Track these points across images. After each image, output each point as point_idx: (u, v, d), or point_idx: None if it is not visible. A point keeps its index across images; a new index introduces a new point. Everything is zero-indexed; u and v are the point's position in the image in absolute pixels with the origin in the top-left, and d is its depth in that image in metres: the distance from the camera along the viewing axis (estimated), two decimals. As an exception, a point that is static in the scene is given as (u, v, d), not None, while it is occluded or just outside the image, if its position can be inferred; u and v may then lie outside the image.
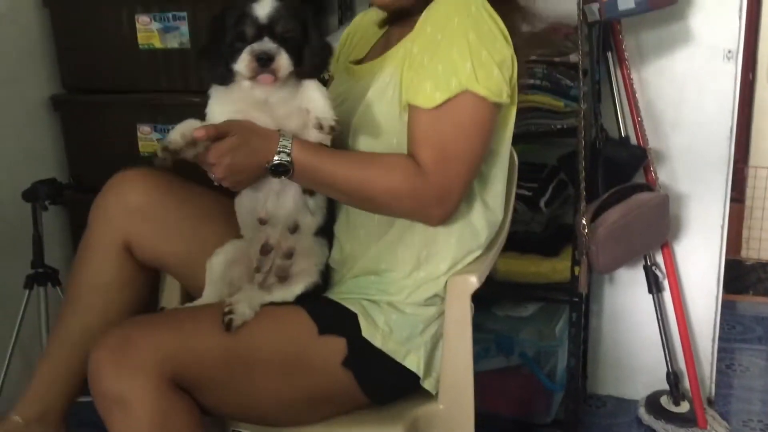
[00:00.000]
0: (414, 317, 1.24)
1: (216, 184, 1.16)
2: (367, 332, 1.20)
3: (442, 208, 1.16)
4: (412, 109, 1.16)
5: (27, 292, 1.96)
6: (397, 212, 1.20)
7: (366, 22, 1.45)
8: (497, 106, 1.17)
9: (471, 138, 1.15)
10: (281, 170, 1.12)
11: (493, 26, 1.16)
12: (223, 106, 1.17)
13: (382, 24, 1.37)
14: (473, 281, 1.25)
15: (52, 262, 2.01)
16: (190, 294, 1.37)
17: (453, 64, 1.12)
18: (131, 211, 1.25)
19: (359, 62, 1.36)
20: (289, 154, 1.11)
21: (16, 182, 1.99)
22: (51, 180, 1.97)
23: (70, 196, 2.11)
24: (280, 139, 1.12)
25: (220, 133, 1.10)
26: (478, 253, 1.29)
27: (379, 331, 1.21)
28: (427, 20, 1.18)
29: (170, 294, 1.41)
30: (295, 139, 1.14)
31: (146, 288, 1.34)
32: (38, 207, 1.94)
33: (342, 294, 1.26)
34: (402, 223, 1.23)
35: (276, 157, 1.11)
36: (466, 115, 1.13)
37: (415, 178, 1.13)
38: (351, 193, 1.16)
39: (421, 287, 1.24)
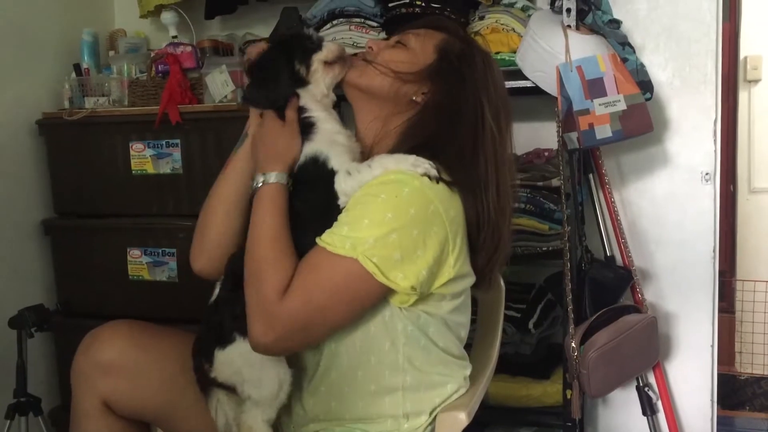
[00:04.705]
0: None
1: None
2: None
3: (269, 336, 1.09)
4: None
5: (8, 422, 1.91)
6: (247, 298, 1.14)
7: None
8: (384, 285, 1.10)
9: (335, 301, 1.10)
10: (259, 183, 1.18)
11: (423, 211, 1.10)
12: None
13: None
14: (462, 418, 1.22)
15: (36, 389, 1.97)
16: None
17: (359, 229, 1.09)
18: (104, 369, 1.23)
19: None
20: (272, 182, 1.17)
21: (2, 308, 1.98)
22: (38, 306, 1.96)
23: (57, 322, 2.10)
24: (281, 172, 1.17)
25: None
26: (463, 390, 1.27)
27: None
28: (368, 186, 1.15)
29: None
30: (281, 184, 1.17)
31: None
32: (24, 335, 1.92)
33: None
34: (382, 380, 1.20)
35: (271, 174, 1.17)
36: (341, 278, 1.09)
37: (275, 294, 1.09)
38: (249, 253, 1.14)
39: None
